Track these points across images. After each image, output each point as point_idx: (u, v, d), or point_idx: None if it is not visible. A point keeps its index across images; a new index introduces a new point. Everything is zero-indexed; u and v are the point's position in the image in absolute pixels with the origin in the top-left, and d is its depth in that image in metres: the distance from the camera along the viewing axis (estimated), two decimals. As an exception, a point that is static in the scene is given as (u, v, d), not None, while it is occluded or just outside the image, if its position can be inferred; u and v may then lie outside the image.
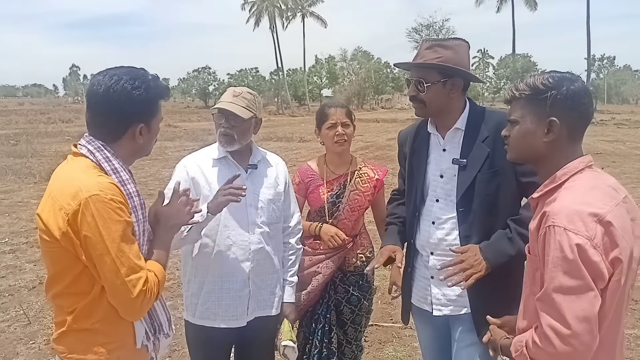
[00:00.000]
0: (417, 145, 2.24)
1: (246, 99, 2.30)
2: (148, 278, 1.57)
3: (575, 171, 1.48)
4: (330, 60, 76.85)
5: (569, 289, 1.33)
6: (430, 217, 2.16)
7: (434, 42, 2.05)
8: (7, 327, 4.25)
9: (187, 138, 22.27)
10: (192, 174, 2.34)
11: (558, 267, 1.34)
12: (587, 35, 44.19)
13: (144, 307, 1.59)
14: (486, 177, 2.01)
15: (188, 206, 1.84)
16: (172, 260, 5.80)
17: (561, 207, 1.38)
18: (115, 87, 1.59)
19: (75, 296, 1.59)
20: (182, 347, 3.93)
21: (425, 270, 2.21)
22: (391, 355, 3.83)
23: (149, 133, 1.70)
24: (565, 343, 1.33)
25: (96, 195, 1.48)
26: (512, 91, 1.58)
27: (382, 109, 67.38)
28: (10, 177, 11.59)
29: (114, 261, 1.50)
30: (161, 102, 1.73)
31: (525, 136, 1.54)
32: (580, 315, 1.32)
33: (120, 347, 1.64)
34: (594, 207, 1.36)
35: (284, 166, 2.57)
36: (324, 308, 2.72)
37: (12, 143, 18.50)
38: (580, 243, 1.32)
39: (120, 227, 1.51)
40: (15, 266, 5.76)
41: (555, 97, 1.46)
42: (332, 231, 2.65)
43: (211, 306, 2.34)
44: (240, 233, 2.31)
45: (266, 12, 58.92)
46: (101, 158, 1.60)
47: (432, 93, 2.03)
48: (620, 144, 18.66)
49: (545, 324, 1.37)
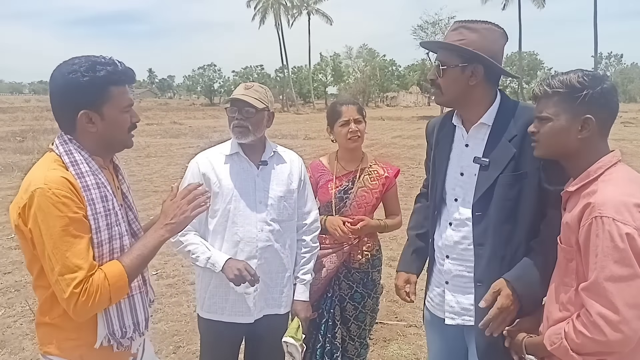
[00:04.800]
0: (442, 137, 2.08)
1: (258, 91, 2.32)
2: (88, 280, 1.48)
3: (609, 165, 1.53)
4: (336, 58, 76.77)
5: (620, 277, 1.38)
6: (449, 217, 2.01)
7: (462, 23, 1.88)
8: (13, 323, 4.27)
9: (192, 135, 22.31)
10: (204, 169, 2.35)
11: (609, 257, 1.39)
12: (594, 32, 43.92)
13: (79, 309, 1.49)
14: (509, 180, 1.82)
15: (192, 203, 1.68)
16: (177, 257, 5.82)
17: (606, 199, 1.43)
18: (57, 74, 1.55)
19: (41, 289, 1.60)
20: (187, 343, 3.94)
21: (440, 275, 2.08)
22: (396, 353, 3.82)
23: (104, 121, 1.58)
24: (615, 330, 1.37)
25: (40, 188, 1.46)
26: (544, 87, 1.59)
27: (387, 107, 67.32)
28: (16, 173, 11.63)
29: (50, 257, 1.47)
30: (117, 88, 1.58)
31: (559, 133, 1.57)
32: (631, 302, 1.37)
33: (82, 345, 1.62)
34: (637, 198, 1.42)
35: (300, 163, 2.54)
36: (327, 303, 2.72)
37: (18, 140, 18.59)
38: (630, 232, 1.37)
39: (59, 223, 1.46)
40: (22, 262, 5.78)
41: (592, 95, 1.50)
42: (336, 222, 2.64)
43: (218, 300, 2.36)
44: (248, 230, 2.31)
45: (272, 9, 58.88)
46: (62, 151, 1.57)
47: (450, 78, 1.86)
48: (627, 143, 18.52)
49: (595, 312, 1.41)
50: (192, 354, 3.78)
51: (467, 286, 1.97)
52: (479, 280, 1.91)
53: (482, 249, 1.89)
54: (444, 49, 1.91)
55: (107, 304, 1.56)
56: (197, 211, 1.70)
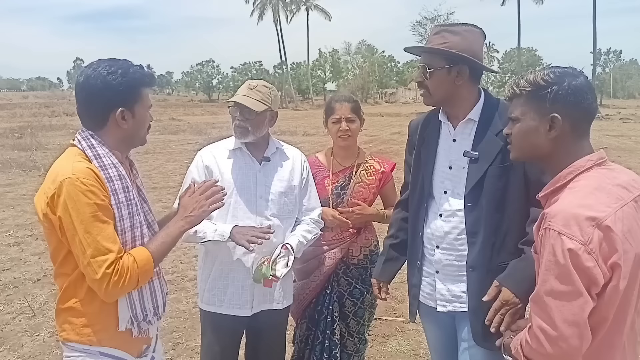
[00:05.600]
0: (427, 134, 2.17)
1: (261, 92, 2.33)
2: (119, 261, 1.60)
3: (581, 170, 1.44)
4: (334, 54, 76.74)
5: (560, 293, 1.32)
6: (438, 209, 2.10)
7: (443, 27, 1.99)
8: (12, 319, 4.28)
9: (191, 132, 22.30)
10: (207, 162, 2.40)
11: (550, 271, 1.34)
12: (593, 29, 43.89)
13: (110, 289, 1.59)
14: (497, 172, 1.95)
15: (210, 199, 1.84)
16: (176, 254, 5.84)
17: (559, 210, 1.36)
18: (92, 75, 1.66)
19: (64, 276, 1.69)
20: (187, 339, 3.95)
21: (430, 265, 2.17)
22: (395, 349, 3.83)
23: (134, 119, 1.72)
24: (553, 345, 1.34)
25: (69, 178, 1.56)
26: (512, 88, 1.55)
27: (386, 103, 67.30)
28: (14, 170, 11.63)
29: (81, 242, 1.57)
30: (145, 89, 1.76)
31: (528, 134, 1.51)
32: (570, 320, 1.32)
33: (102, 330, 1.70)
34: (593, 211, 1.33)
35: (302, 160, 2.57)
36: (326, 299, 2.73)
37: (16, 136, 18.57)
38: (573, 248, 1.30)
39: (89, 209, 1.56)
40: (20, 259, 5.79)
41: (557, 92, 1.43)
42: (329, 213, 2.65)
43: (217, 293, 2.39)
44: (248, 224, 2.33)
45: (270, 5, 58.76)
46: (85, 146, 1.68)
47: (437, 80, 1.97)
48: (625, 139, 18.57)
49: (536, 325, 1.38)
50: (191, 350, 3.78)
51: (457, 274, 2.07)
52: (471, 267, 2.01)
53: (474, 237, 2.00)
54: (430, 53, 2.00)
55: (135, 286, 1.66)
56: (214, 206, 1.85)
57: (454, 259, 2.07)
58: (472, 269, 2.01)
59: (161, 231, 1.78)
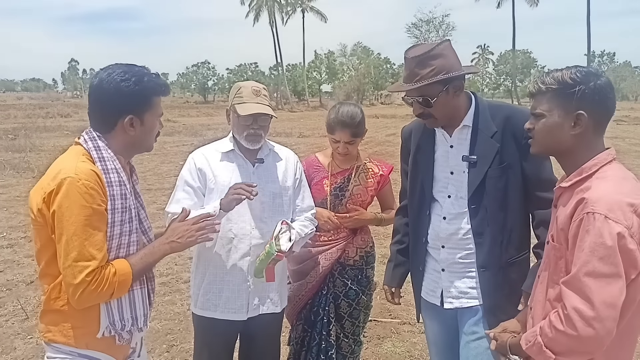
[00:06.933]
0: (422, 141, 2.22)
1: (266, 95, 2.35)
2: (100, 270, 1.58)
3: (604, 162, 1.53)
4: (330, 56, 76.64)
5: (602, 274, 1.37)
6: (442, 212, 2.15)
7: (420, 56, 1.94)
8: (5, 322, 4.25)
9: (186, 133, 22.23)
10: (199, 165, 2.38)
11: (595, 252, 1.39)
12: (587, 31, 44.18)
13: (84, 297, 1.58)
14: (497, 173, 2.02)
15: (200, 231, 1.84)
16: (171, 256, 5.79)
17: (600, 196, 1.43)
18: (106, 79, 1.67)
19: (49, 277, 1.67)
20: (181, 342, 3.93)
21: (435, 264, 2.20)
22: (390, 351, 3.83)
23: (142, 126, 1.73)
24: (588, 325, 1.37)
25: (71, 177, 1.56)
26: (538, 84, 1.60)
27: (381, 105, 67.35)
28: (8, 171, 11.56)
29: (68, 243, 1.55)
30: (157, 98, 1.76)
31: (552, 129, 1.57)
32: (608, 301, 1.37)
33: (87, 334, 1.68)
34: (630, 197, 1.42)
35: (295, 160, 2.56)
36: (322, 300, 2.72)
37: (10, 137, 18.45)
38: (620, 231, 1.37)
39: (84, 212, 1.56)
40: (13, 261, 5.75)
41: (584, 91, 1.50)
42: (325, 215, 2.64)
43: (212, 297, 2.36)
44: (242, 227, 2.32)
45: (266, 6, 58.70)
46: (91, 146, 1.68)
47: (440, 105, 2.00)
48: (619, 141, 18.64)
49: (570, 306, 1.41)
50: (185, 353, 3.77)
51: (463, 271, 2.13)
52: (482, 266, 2.07)
53: (481, 238, 2.06)
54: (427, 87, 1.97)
55: (108, 298, 1.65)
56: (202, 239, 1.87)
57: (460, 257, 2.12)
58: (483, 268, 2.06)
59: (145, 249, 1.77)
